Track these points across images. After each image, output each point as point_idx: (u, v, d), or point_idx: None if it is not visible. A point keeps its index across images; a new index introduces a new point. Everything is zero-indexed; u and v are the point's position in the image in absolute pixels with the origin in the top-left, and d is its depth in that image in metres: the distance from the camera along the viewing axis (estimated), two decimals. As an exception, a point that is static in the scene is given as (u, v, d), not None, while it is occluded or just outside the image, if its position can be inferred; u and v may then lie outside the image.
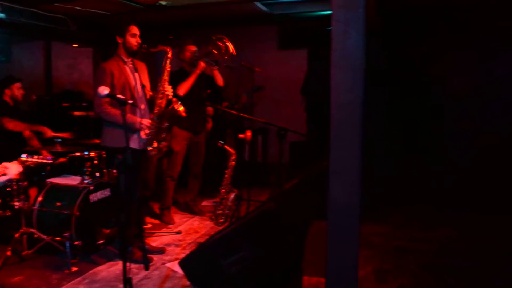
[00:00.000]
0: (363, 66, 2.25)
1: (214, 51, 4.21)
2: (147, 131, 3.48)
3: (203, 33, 6.50)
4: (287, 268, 2.84)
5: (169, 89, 3.56)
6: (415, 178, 5.85)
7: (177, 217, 4.88)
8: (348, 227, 2.29)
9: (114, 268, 3.51)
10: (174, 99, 3.57)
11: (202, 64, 4.40)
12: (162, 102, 3.53)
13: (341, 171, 2.26)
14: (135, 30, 3.54)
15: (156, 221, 4.73)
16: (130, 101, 3.02)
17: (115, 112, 3.37)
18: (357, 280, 2.35)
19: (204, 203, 5.40)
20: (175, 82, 3.63)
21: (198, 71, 4.42)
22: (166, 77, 3.57)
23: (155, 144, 3.53)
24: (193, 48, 4.57)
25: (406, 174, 5.90)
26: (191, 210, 5.02)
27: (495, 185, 5.44)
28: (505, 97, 5.87)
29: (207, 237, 3.67)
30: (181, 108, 3.54)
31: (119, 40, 3.55)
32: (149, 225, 4.58)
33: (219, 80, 4.71)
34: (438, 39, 6.08)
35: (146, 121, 3.50)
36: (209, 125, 5.40)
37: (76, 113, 5.89)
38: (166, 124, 3.57)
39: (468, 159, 5.90)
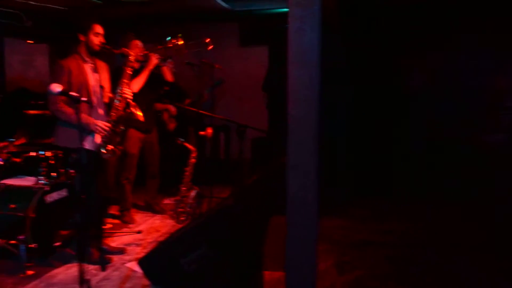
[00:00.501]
0: (318, 63, 2.29)
1: (168, 45, 4.12)
2: (102, 133, 3.41)
3: (161, 29, 6.45)
4: (248, 263, 2.85)
5: (128, 92, 3.51)
6: (377, 173, 6.00)
7: (138, 216, 4.82)
8: (306, 221, 2.32)
9: (72, 270, 3.42)
10: (133, 103, 3.52)
11: (154, 60, 4.22)
12: (120, 105, 3.48)
13: (298, 166, 2.29)
14: (99, 29, 3.46)
15: (117, 221, 4.65)
16: (84, 99, 2.96)
17: (70, 111, 3.28)
18: (316, 273, 2.40)
19: (166, 201, 5.35)
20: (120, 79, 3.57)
21: (150, 67, 4.22)
22: (126, 80, 3.52)
23: (109, 147, 3.45)
24: (139, 42, 4.45)
25: (367, 169, 6.04)
26: (152, 209, 4.97)
27: (452, 180, 5.65)
28: (461, 96, 6.08)
29: (168, 235, 3.64)
30: (140, 113, 3.50)
31: (82, 38, 3.45)
32: (109, 225, 4.50)
33: (168, 76, 4.64)
34: (398, 38, 6.23)
35: (102, 123, 3.42)
36: (172, 125, 5.34)
37: (32, 112, 5.69)
38: (122, 128, 3.50)
39: (426, 155, 6.10)
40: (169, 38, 4.00)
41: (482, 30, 5.85)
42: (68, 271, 3.42)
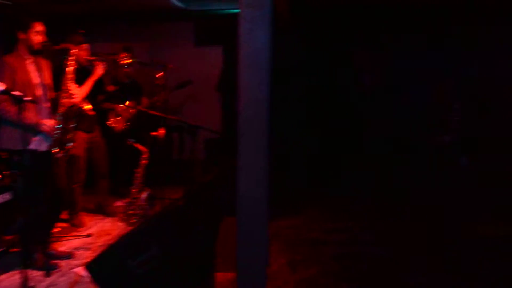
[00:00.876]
0: (269, 64, 2.31)
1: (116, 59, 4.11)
2: (51, 132, 3.31)
3: (115, 27, 6.31)
4: (199, 265, 2.83)
5: (74, 88, 3.46)
6: (329, 171, 6.12)
7: (88, 219, 4.68)
8: (256, 221, 2.34)
9: (15, 277, 3.26)
10: (79, 98, 3.46)
11: (99, 71, 4.03)
12: (67, 101, 3.40)
13: (249, 166, 2.31)
14: (40, 27, 3.33)
15: (65, 225, 4.49)
16: (28, 98, 2.85)
17: (14, 110, 3.14)
18: (266, 272, 2.42)
19: (117, 203, 5.21)
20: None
21: (95, 77, 4.02)
22: (70, 75, 3.45)
23: (61, 146, 3.35)
24: (87, 46, 4.29)
25: (320, 168, 6.14)
26: (102, 211, 4.84)
27: (404, 178, 5.84)
28: (413, 97, 6.30)
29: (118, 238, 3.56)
30: (88, 107, 3.44)
31: (22, 37, 3.32)
32: (58, 229, 4.34)
33: (108, 87, 4.65)
34: (350, 38, 6.37)
35: (49, 121, 3.32)
36: (120, 125, 5.22)
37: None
38: (72, 124, 3.43)
39: (378, 154, 6.27)
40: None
41: (435, 32, 6.07)
42: (12, 278, 3.27)
